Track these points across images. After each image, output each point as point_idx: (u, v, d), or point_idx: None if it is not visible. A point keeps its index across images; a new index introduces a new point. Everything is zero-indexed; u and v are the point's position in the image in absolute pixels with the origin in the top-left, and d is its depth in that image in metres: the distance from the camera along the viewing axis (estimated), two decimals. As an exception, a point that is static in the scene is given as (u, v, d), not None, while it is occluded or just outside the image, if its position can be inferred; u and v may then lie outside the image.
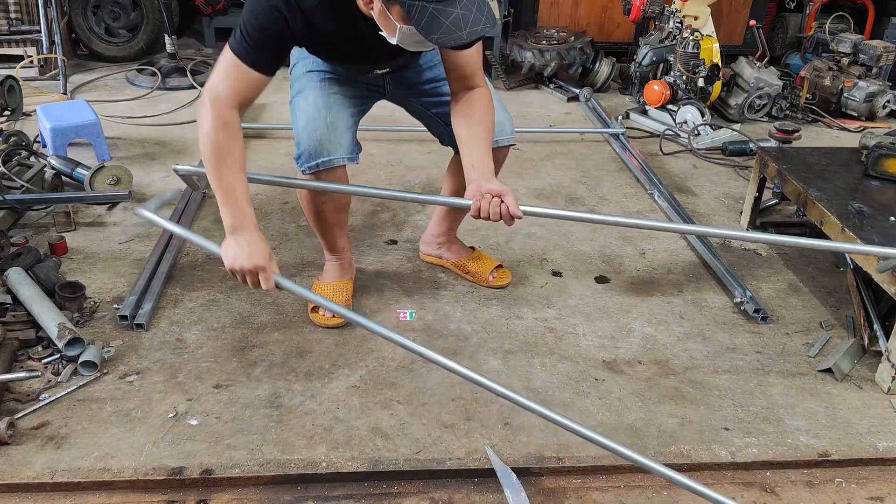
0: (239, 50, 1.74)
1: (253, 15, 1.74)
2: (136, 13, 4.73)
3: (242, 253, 1.70)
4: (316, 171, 2.01)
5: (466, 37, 1.58)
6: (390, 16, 1.62)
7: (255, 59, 1.74)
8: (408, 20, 1.59)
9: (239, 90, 1.76)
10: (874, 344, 2.19)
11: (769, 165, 2.73)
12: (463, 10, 1.56)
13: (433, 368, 2.05)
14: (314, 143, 1.99)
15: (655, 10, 4.22)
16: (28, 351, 2.01)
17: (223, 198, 1.74)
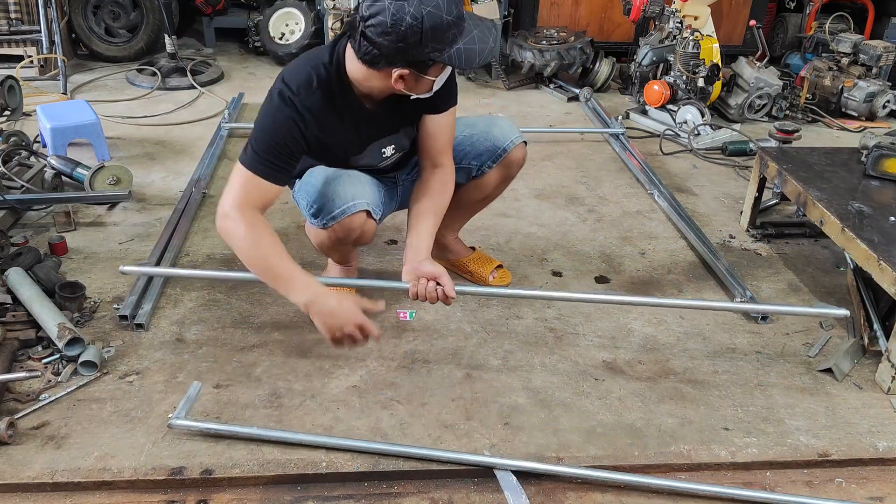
0: (252, 165, 1.81)
1: (264, 128, 1.83)
2: (136, 13, 4.73)
3: (335, 321, 1.74)
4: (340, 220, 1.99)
5: (493, 42, 1.78)
6: (428, 77, 1.79)
7: (268, 170, 1.82)
8: (443, 67, 1.79)
9: (255, 199, 1.83)
10: (874, 344, 2.19)
11: (769, 165, 2.73)
12: (476, 29, 1.76)
13: (433, 368, 2.05)
14: (332, 190, 1.99)
15: (655, 10, 4.21)
16: (28, 351, 2.01)
17: (283, 282, 1.78)
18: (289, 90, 1.82)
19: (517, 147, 2.24)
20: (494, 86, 4.68)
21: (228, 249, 2.58)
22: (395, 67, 1.74)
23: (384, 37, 1.67)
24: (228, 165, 3.30)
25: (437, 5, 1.65)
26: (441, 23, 1.66)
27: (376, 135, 2.04)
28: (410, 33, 1.65)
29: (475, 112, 4.14)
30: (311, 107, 1.83)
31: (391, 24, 1.65)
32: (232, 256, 2.55)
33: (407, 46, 1.68)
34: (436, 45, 1.70)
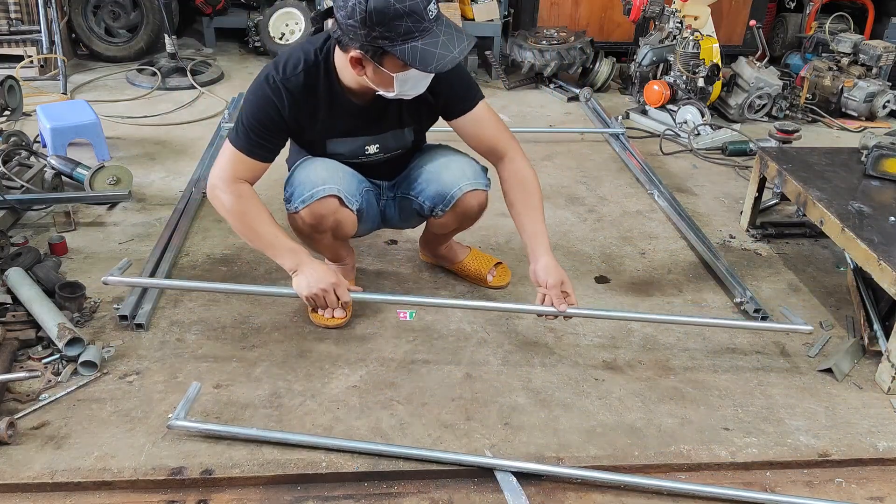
0: (236, 141, 1.91)
1: (248, 106, 1.91)
2: (136, 13, 4.73)
3: (313, 279, 1.88)
4: (309, 203, 1.99)
5: (458, 54, 1.74)
6: (384, 70, 1.76)
7: (252, 147, 1.91)
8: (403, 66, 1.74)
9: (241, 172, 1.93)
10: (874, 344, 2.19)
11: (769, 165, 2.73)
12: (445, 37, 1.73)
13: (433, 368, 2.05)
14: (304, 174, 2.01)
15: (655, 10, 4.21)
16: (28, 351, 2.01)
17: (269, 247, 1.92)
18: (274, 70, 1.89)
19: (468, 195, 2.11)
20: (494, 86, 4.68)
21: (228, 249, 2.59)
22: (351, 49, 1.75)
23: (339, 11, 1.71)
24: (228, 165, 3.30)
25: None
26: (387, 7, 1.64)
27: (359, 131, 2.05)
28: (357, 10, 1.66)
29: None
30: (291, 88, 1.89)
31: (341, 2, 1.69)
32: (231, 255, 2.55)
33: (356, 25, 1.68)
34: (383, 31, 1.67)
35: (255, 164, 1.93)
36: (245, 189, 1.92)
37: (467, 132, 2.08)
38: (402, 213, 2.29)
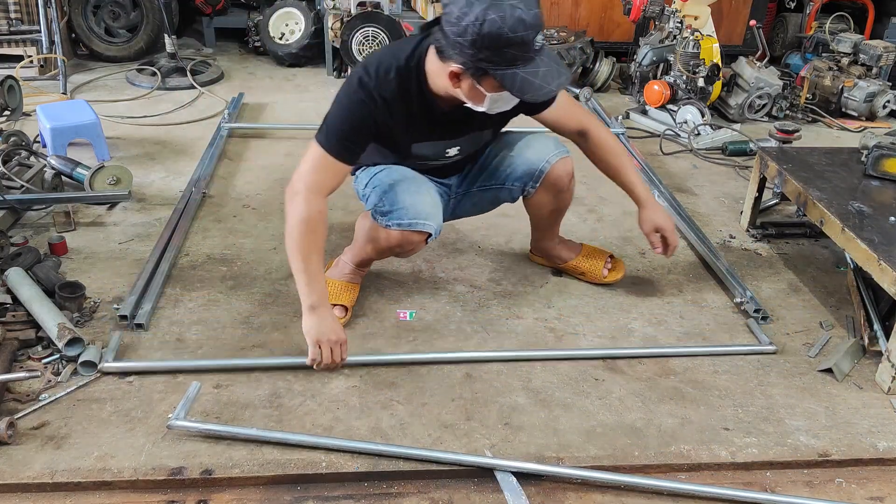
0: (326, 144, 1.91)
1: (339, 110, 1.93)
2: (135, 13, 4.73)
3: (326, 328, 1.89)
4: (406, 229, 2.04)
5: (555, 88, 1.80)
6: (481, 88, 1.80)
7: (342, 151, 1.92)
8: (500, 88, 1.78)
9: (326, 181, 1.93)
10: (874, 344, 2.19)
11: (769, 165, 2.73)
12: (544, 66, 1.77)
13: (433, 368, 2.05)
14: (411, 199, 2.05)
15: (655, 10, 4.21)
16: (28, 351, 2.01)
17: (307, 279, 1.90)
18: (366, 75, 1.90)
19: (556, 164, 2.24)
20: (494, 86, 4.67)
21: (228, 249, 2.59)
22: (453, 62, 1.78)
23: (450, 26, 1.73)
24: (229, 165, 3.30)
25: (503, 18, 1.66)
26: (500, 35, 1.67)
27: (443, 135, 2.09)
28: (469, 31, 1.68)
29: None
30: (384, 93, 1.90)
31: (457, 16, 1.69)
32: (231, 255, 2.55)
33: (464, 44, 1.71)
34: (490, 55, 1.71)
35: (341, 167, 1.94)
36: (324, 209, 1.93)
37: (550, 121, 2.20)
38: (477, 205, 2.36)
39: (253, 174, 3.23)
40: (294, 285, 2.39)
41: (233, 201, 2.97)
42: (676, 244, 2.29)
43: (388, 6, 4.31)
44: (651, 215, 2.28)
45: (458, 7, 1.69)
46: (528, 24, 1.68)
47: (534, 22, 1.69)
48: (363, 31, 4.13)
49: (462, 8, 1.68)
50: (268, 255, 2.57)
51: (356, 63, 4.20)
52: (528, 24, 1.68)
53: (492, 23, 1.66)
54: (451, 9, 1.72)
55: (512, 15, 1.66)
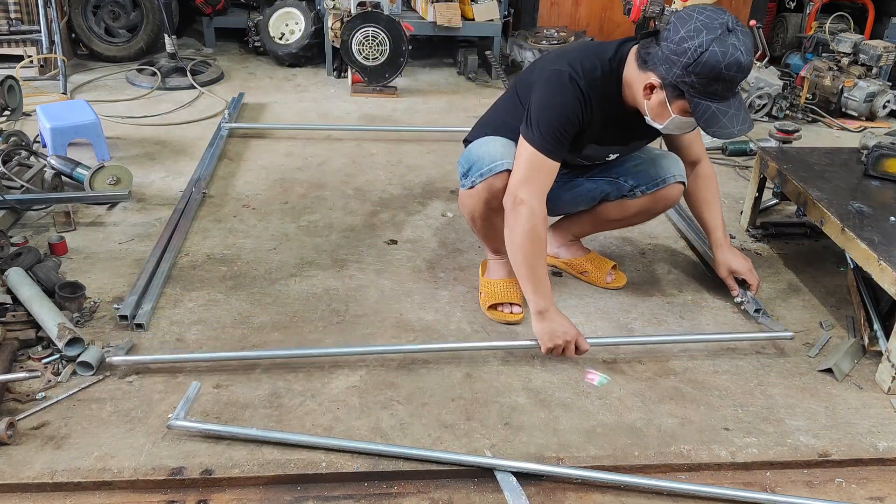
0: (543, 145, 1.95)
1: (551, 106, 1.95)
2: (135, 13, 4.73)
3: (559, 330, 1.99)
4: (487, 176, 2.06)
5: (737, 133, 1.87)
6: (669, 107, 1.89)
7: (560, 149, 1.98)
8: (689, 114, 1.87)
9: (547, 183, 1.99)
10: (874, 344, 2.19)
11: (769, 165, 2.73)
12: (735, 110, 1.86)
13: (433, 368, 2.05)
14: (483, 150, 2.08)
15: (655, 10, 4.21)
16: (28, 351, 2.01)
17: (534, 285, 1.99)
18: (574, 72, 1.93)
19: (674, 184, 2.29)
20: (495, 86, 4.68)
21: (228, 249, 2.59)
22: (654, 74, 1.86)
23: (669, 42, 1.80)
24: (229, 165, 3.30)
25: (725, 54, 1.76)
26: (716, 69, 1.77)
27: (616, 140, 2.16)
28: (689, 53, 1.77)
29: (476, 112, 4.15)
30: (591, 91, 1.95)
31: (681, 36, 1.78)
32: (231, 255, 2.55)
33: (678, 62, 1.79)
34: (697, 81, 1.80)
35: (554, 166, 1.98)
36: (545, 213, 1.99)
37: (680, 143, 2.34)
38: (578, 196, 2.36)
39: (253, 174, 3.23)
40: (293, 285, 2.41)
41: (233, 201, 2.97)
42: (756, 283, 2.32)
43: (388, 6, 4.31)
44: (726, 259, 2.33)
45: (684, 28, 1.79)
46: (742, 69, 1.78)
47: (747, 68, 1.79)
48: (363, 31, 4.13)
49: (689, 31, 1.78)
50: (268, 255, 2.57)
51: (354, 61, 4.20)
52: (741, 68, 1.78)
53: (713, 54, 1.76)
54: (675, 27, 1.80)
55: (733, 55, 1.76)
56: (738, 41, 1.77)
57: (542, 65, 2.07)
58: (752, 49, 1.80)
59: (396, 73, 4.28)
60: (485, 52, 4.73)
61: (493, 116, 2.28)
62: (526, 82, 2.11)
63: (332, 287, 2.41)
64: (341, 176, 3.26)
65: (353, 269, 2.52)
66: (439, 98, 4.41)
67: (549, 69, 1.98)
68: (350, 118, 3.99)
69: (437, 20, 4.61)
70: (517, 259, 2.01)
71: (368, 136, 3.74)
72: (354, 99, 4.29)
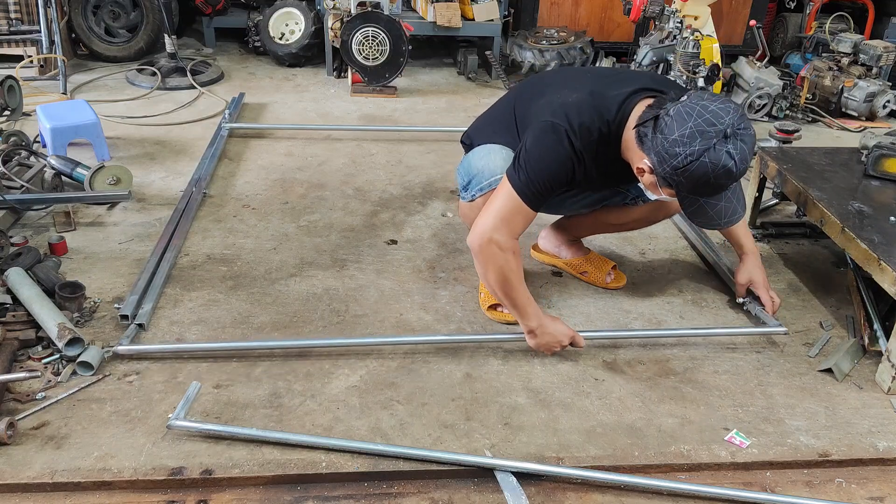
0: (527, 196, 1.91)
1: (544, 160, 1.90)
2: (135, 13, 4.73)
3: (552, 341, 2.05)
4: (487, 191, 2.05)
5: (724, 225, 1.88)
6: (661, 190, 1.87)
7: (537, 201, 1.94)
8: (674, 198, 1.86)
9: (519, 227, 1.97)
10: (874, 344, 2.19)
11: (769, 165, 2.73)
12: (726, 202, 1.84)
13: (433, 368, 2.05)
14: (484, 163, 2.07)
15: (655, 10, 4.21)
16: (28, 351, 2.01)
17: (519, 311, 2.03)
18: (572, 131, 1.88)
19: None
20: (494, 86, 4.68)
21: (228, 249, 2.59)
22: (647, 160, 1.83)
23: (664, 139, 1.75)
24: (229, 165, 3.30)
25: (715, 165, 1.71)
26: (704, 178, 1.74)
27: (610, 184, 2.21)
28: (678, 158, 1.73)
29: (476, 112, 4.14)
30: (585, 153, 1.91)
31: (675, 138, 1.72)
32: (231, 255, 2.55)
33: (668, 160, 1.76)
34: (686, 183, 1.78)
35: (531, 215, 1.97)
36: (516, 248, 1.98)
37: None
38: (580, 202, 2.37)
39: (253, 174, 3.23)
40: (293, 285, 2.41)
41: (233, 201, 2.97)
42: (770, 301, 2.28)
43: (388, 6, 4.31)
44: (751, 269, 2.33)
45: (679, 131, 1.72)
46: (733, 176, 1.75)
47: (739, 174, 1.75)
48: (363, 31, 4.13)
49: (683, 135, 1.71)
50: (268, 255, 2.57)
51: (354, 61, 4.20)
52: (733, 176, 1.74)
53: (702, 165, 1.71)
54: (672, 124, 1.73)
55: (724, 165, 1.71)
56: (735, 148, 1.70)
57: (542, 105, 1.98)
58: (748, 155, 1.74)
59: (396, 73, 4.28)
60: (485, 52, 4.73)
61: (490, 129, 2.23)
62: (523, 111, 2.07)
63: (332, 287, 2.41)
64: (341, 176, 3.26)
65: (353, 269, 2.52)
66: (439, 98, 4.41)
67: (547, 121, 1.90)
68: (350, 118, 3.99)
69: (437, 20, 4.61)
70: (496, 293, 2.03)
71: (368, 136, 3.74)
72: (354, 99, 4.29)
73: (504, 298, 2.03)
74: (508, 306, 2.04)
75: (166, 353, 2.04)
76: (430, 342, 2.15)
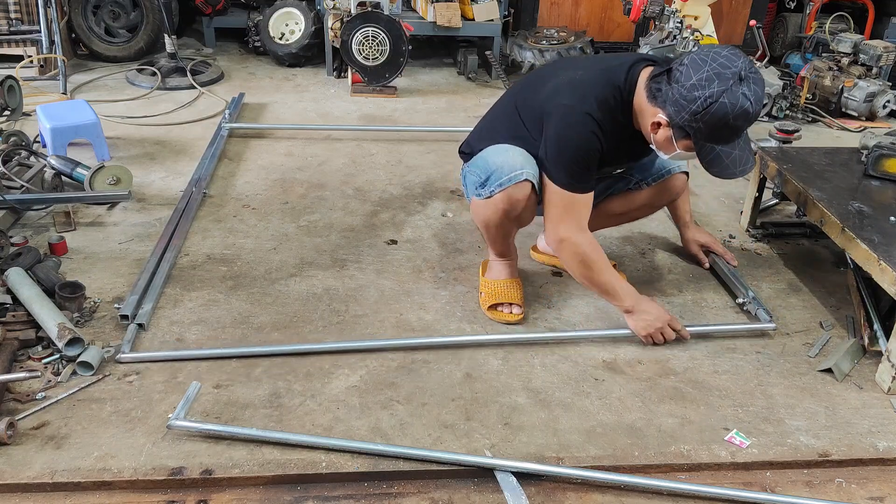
0: (575, 185, 2.01)
1: (574, 145, 1.98)
2: (135, 13, 4.73)
3: (651, 319, 2.12)
4: (507, 186, 2.06)
5: (739, 174, 1.92)
6: (675, 144, 1.93)
7: (585, 184, 2.03)
8: (692, 152, 1.93)
9: (584, 216, 2.07)
10: (874, 344, 2.19)
11: (769, 165, 2.73)
12: (739, 151, 1.90)
13: (433, 368, 2.05)
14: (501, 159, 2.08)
15: (655, 10, 4.22)
16: (28, 351, 2.01)
17: (610, 295, 2.14)
18: (589, 107, 1.96)
19: (678, 174, 2.37)
20: (494, 86, 4.68)
21: (228, 249, 2.59)
22: (662, 113, 1.90)
23: (679, 86, 1.83)
24: (229, 165, 3.30)
25: (733, 106, 1.79)
26: (724, 119, 1.81)
27: (623, 161, 2.24)
28: (697, 101, 1.81)
29: (476, 112, 4.15)
30: (605, 125, 1.98)
31: (692, 83, 1.80)
32: (231, 255, 2.55)
33: (686, 107, 1.83)
34: (704, 128, 1.84)
35: (589, 198, 2.05)
36: (589, 238, 2.08)
37: None
38: None
39: (253, 174, 3.23)
40: (293, 285, 2.41)
41: (233, 201, 2.97)
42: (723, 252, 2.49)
43: (388, 6, 4.31)
44: (694, 235, 2.48)
45: (696, 76, 1.81)
46: (749, 118, 1.83)
47: (755, 115, 1.83)
48: (363, 31, 4.13)
49: (701, 79, 1.80)
50: (268, 255, 2.57)
51: (354, 61, 4.20)
52: (749, 118, 1.83)
53: (721, 106, 1.79)
54: (687, 72, 1.82)
55: (741, 106, 1.79)
56: (749, 90, 1.79)
57: (550, 92, 2.04)
58: (762, 97, 1.83)
59: (396, 73, 4.28)
60: (485, 52, 4.73)
61: (492, 132, 2.24)
62: (530, 104, 2.10)
63: (332, 287, 2.41)
64: (341, 176, 3.26)
65: (353, 269, 2.52)
66: (439, 98, 4.41)
67: (563, 104, 1.98)
68: (350, 118, 3.99)
69: (437, 20, 4.61)
70: (584, 283, 2.15)
71: (368, 136, 3.74)
72: (354, 99, 4.29)
73: (593, 287, 2.13)
74: (600, 293, 2.14)
75: (166, 364, 2.02)
76: (429, 344, 2.14)
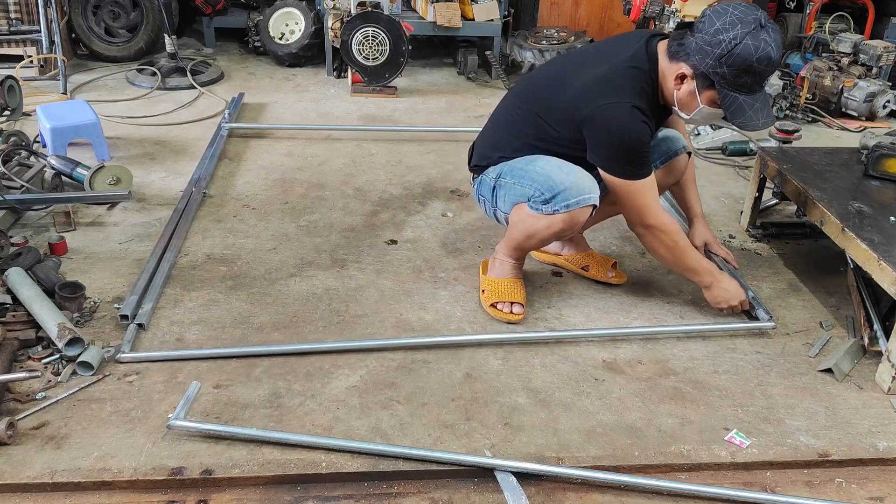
0: (641, 173, 2.07)
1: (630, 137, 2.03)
2: (135, 13, 4.73)
3: (732, 291, 2.25)
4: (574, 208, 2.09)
5: (761, 126, 1.98)
6: (698, 97, 2.00)
7: (650, 165, 2.11)
8: (716, 105, 1.98)
9: (657, 195, 2.15)
10: (874, 344, 2.19)
11: (769, 165, 2.73)
12: (761, 103, 1.97)
13: (433, 368, 2.05)
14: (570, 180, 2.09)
15: (655, 10, 4.22)
16: (28, 351, 2.01)
17: (692, 273, 2.25)
18: (630, 99, 2.01)
19: (683, 155, 2.38)
20: (494, 86, 4.68)
21: (228, 249, 2.59)
22: (686, 65, 1.96)
23: (702, 34, 1.91)
24: (228, 165, 3.30)
25: (757, 48, 1.86)
26: (748, 62, 1.88)
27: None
28: (722, 45, 1.88)
29: (475, 112, 4.15)
30: (647, 112, 2.04)
31: (716, 28, 1.88)
32: (231, 255, 2.55)
33: (710, 52, 1.90)
34: (728, 72, 1.90)
35: (653, 177, 2.12)
36: (668, 220, 2.15)
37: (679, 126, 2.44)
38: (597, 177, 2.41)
39: (253, 174, 3.23)
40: (293, 285, 2.41)
41: (233, 201, 2.97)
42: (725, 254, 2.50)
43: (388, 6, 4.31)
44: (703, 232, 2.51)
45: (720, 21, 1.89)
46: (772, 63, 1.89)
47: (777, 63, 1.91)
48: (363, 31, 4.13)
49: (724, 24, 1.88)
50: (268, 255, 2.57)
51: (354, 61, 4.20)
52: (771, 63, 1.89)
53: (746, 47, 1.86)
54: (711, 20, 1.90)
55: (764, 49, 1.87)
56: (770, 37, 1.87)
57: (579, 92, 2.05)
58: (781, 45, 1.90)
59: (396, 73, 4.28)
60: (485, 52, 4.74)
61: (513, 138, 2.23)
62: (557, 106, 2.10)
63: (332, 287, 2.41)
64: (341, 176, 3.26)
65: (353, 269, 2.52)
66: (439, 98, 4.42)
67: (606, 104, 2.00)
68: (350, 118, 3.99)
69: (437, 20, 4.61)
70: (672, 267, 2.26)
71: (368, 136, 3.74)
72: (354, 99, 4.29)
73: (678, 268, 2.24)
74: (682, 271, 2.24)
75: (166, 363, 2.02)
76: (429, 344, 2.14)
